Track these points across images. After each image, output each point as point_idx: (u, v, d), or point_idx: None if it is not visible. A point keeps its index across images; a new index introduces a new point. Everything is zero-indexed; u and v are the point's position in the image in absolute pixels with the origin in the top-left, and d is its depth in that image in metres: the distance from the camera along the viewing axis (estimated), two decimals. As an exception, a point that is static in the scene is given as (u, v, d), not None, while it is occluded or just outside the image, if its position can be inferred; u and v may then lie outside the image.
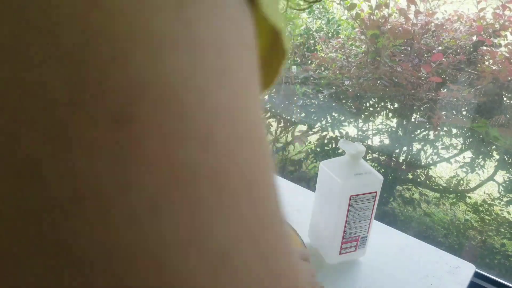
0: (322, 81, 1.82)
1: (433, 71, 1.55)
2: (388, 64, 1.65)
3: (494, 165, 1.62)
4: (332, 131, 1.88)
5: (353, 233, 0.70)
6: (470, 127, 1.60)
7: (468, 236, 1.68)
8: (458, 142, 1.67)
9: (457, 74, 1.56)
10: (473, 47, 1.57)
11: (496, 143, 1.52)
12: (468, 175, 1.68)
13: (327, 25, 1.97)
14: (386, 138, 1.80)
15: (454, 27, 1.62)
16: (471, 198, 1.70)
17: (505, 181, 1.61)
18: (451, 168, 1.72)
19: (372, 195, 0.68)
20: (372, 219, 0.71)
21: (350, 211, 0.68)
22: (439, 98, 1.58)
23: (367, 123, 1.83)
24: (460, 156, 1.68)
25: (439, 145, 1.68)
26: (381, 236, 0.81)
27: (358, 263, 0.74)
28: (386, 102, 1.75)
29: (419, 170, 1.75)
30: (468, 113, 1.58)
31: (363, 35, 1.72)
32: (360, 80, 1.73)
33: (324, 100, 1.86)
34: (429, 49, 1.60)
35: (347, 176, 0.66)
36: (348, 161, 0.68)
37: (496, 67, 1.50)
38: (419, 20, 1.60)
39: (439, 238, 1.69)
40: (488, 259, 1.57)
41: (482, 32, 1.54)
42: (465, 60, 1.55)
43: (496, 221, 1.61)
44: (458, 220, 1.71)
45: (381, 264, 0.74)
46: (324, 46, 1.91)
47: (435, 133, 1.67)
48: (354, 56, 1.79)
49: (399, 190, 1.78)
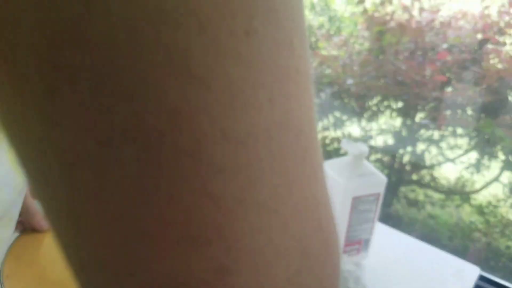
0: (324, 80, 1.81)
1: (438, 70, 1.54)
2: (392, 62, 1.63)
3: (499, 166, 1.61)
4: (334, 131, 1.87)
5: (355, 236, 0.69)
6: (476, 127, 1.58)
7: (473, 238, 1.66)
8: (463, 143, 1.66)
9: (462, 72, 1.54)
10: (478, 45, 1.55)
11: (502, 144, 1.51)
12: (473, 176, 1.67)
13: (329, 22, 1.96)
14: (390, 138, 1.78)
15: (459, 24, 1.60)
16: (476, 199, 1.68)
17: (510, 182, 1.59)
18: (456, 169, 1.71)
19: (375, 197, 0.67)
20: (376, 221, 0.70)
21: (352, 213, 0.66)
22: (444, 97, 1.56)
23: (371, 122, 1.81)
24: (465, 156, 1.66)
25: (444, 145, 1.67)
26: (384, 238, 0.80)
27: (361, 265, 0.73)
28: (390, 101, 1.74)
29: (424, 171, 1.73)
30: (473, 113, 1.56)
31: (366, 32, 1.71)
32: (363, 78, 1.72)
33: (326, 99, 1.85)
34: (434, 47, 1.58)
35: (350, 177, 0.65)
36: (351, 161, 0.66)
37: (501, 66, 1.48)
38: (423, 18, 1.58)
39: (444, 240, 1.68)
40: (493, 262, 1.56)
41: (487, 30, 1.52)
42: (470, 59, 1.53)
43: (501, 223, 1.60)
44: (463, 222, 1.69)
45: (384, 266, 0.73)
46: (326, 44, 1.90)
47: (439, 133, 1.66)
48: (357, 54, 1.77)
49: (403, 192, 1.77)
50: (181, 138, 0.11)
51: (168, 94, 0.11)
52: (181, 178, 0.12)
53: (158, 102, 0.11)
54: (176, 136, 0.11)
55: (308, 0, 1.95)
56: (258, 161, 0.12)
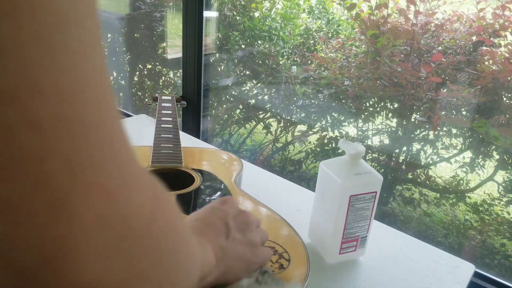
0: (322, 81, 1.82)
1: (433, 71, 1.56)
2: (388, 64, 1.65)
3: (494, 165, 1.62)
4: (332, 131, 1.88)
5: (353, 233, 0.71)
6: (470, 127, 1.60)
7: (468, 236, 1.68)
8: (458, 142, 1.67)
9: (457, 74, 1.56)
10: (473, 47, 1.57)
11: (496, 143, 1.52)
12: (468, 175, 1.68)
13: (327, 25, 1.97)
14: (386, 138, 1.80)
15: (454, 27, 1.62)
16: (471, 198, 1.70)
17: (505, 181, 1.61)
18: (451, 168, 1.72)
19: (372, 195, 0.68)
20: (372, 219, 0.71)
21: (350, 211, 0.68)
22: (439, 98, 1.58)
23: (367, 123, 1.83)
24: (460, 156, 1.68)
25: (439, 145, 1.68)
26: (381, 236, 0.81)
27: (358, 263, 0.74)
28: (386, 102, 1.76)
29: (419, 170, 1.75)
30: (468, 113, 1.58)
31: (363, 35, 1.72)
32: (360, 80, 1.73)
33: (324, 100, 1.86)
34: (429, 49, 1.60)
35: (347, 176, 0.67)
36: (348, 161, 0.68)
37: (496, 67, 1.50)
38: (418, 20, 1.60)
39: (439, 238, 1.69)
40: (488, 259, 1.57)
41: (482, 32, 1.54)
42: (465, 60, 1.55)
43: (496, 221, 1.61)
44: (458, 220, 1.71)
45: (381, 264, 0.74)
46: (324, 46, 1.92)
47: (435, 133, 1.67)
48: (354, 56, 1.79)
49: (399, 190, 1.78)
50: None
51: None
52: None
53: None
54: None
55: (306, 4, 1.97)
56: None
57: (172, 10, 2.16)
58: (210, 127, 2.04)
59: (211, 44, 1.87)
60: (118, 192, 0.19)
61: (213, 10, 1.80)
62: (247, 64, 2.04)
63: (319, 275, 0.69)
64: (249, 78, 2.09)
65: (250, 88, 2.12)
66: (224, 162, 0.91)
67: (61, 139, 0.17)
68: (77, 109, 0.18)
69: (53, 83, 0.17)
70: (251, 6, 1.98)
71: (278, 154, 2.12)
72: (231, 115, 2.19)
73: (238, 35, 1.96)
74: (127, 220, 0.20)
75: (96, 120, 0.19)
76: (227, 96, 2.12)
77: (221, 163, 0.90)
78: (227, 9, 2.00)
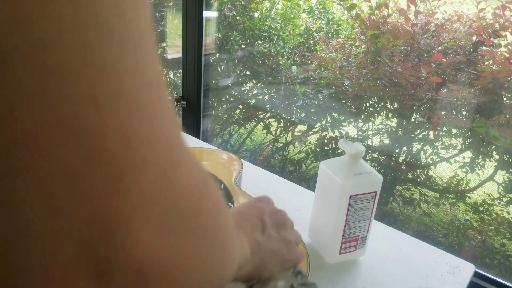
0: (322, 81, 1.82)
1: (433, 71, 1.56)
2: (388, 64, 1.65)
3: (494, 165, 1.62)
4: (332, 131, 1.88)
5: (353, 233, 0.71)
6: (470, 127, 1.60)
7: (468, 236, 1.68)
8: (458, 142, 1.67)
9: (457, 74, 1.56)
10: (473, 47, 1.57)
11: (496, 143, 1.52)
12: (468, 175, 1.68)
13: (327, 25, 1.97)
14: (386, 138, 1.80)
15: (454, 27, 1.62)
16: (471, 198, 1.70)
17: (504, 181, 1.61)
18: (451, 168, 1.72)
19: (372, 195, 0.68)
20: (372, 219, 0.71)
21: (350, 211, 0.68)
22: (439, 98, 1.58)
23: (367, 123, 1.83)
24: (460, 156, 1.68)
25: (439, 145, 1.68)
26: (381, 236, 0.81)
27: (358, 263, 0.74)
28: (386, 102, 1.76)
29: (419, 170, 1.75)
30: (468, 113, 1.58)
31: (363, 36, 1.72)
32: (360, 80, 1.73)
33: (324, 100, 1.86)
34: (429, 49, 1.60)
35: (347, 176, 0.67)
36: (348, 161, 0.68)
37: (496, 67, 1.50)
38: (418, 20, 1.60)
39: (439, 238, 1.69)
40: (488, 259, 1.57)
41: (482, 32, 1.54)
42: (465, 60, 1.55)
43: (496, 221, 1.61)
44: (458, 220, 1.71)
45: (381, 264, 0.74)
46: (324, 46, 1.92)
47: (435, 133, 1.67)
48: (354, 56, 1.79)
49: (399, 190, 1.78)
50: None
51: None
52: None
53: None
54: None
55: (306, 4, 1.97)
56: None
57: (172, 10, 2.16)
58: (210, 127, 2.05)
59: (211, 44, 1.87)
60: (170, 171, 0.20)
61: (213, 10, 1.80)
62: (247, 64, 2.04)
63: (319, 275, 0.69)
64: (249, 78, 2.09)
65: (250, 88, 2.12)
66: (224, 162, 0.91)
67: (119, 116, 0.18)
68: (135, 88, 0.19)
69: (113, 63, 0.18)
70: (251, 6, 1.98)
71: (278, 154, 2.12)
72: (231, 115, 2.19)
73: (238, 35, 1.96)
74: (177, 199, 0.21)
75: (151, 100, 0.20)
76: (227, 96, 2.12)
77: (221, 163, 0.90)
78: (227, 9, 2.00)
